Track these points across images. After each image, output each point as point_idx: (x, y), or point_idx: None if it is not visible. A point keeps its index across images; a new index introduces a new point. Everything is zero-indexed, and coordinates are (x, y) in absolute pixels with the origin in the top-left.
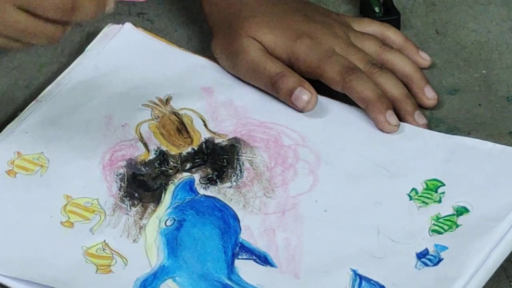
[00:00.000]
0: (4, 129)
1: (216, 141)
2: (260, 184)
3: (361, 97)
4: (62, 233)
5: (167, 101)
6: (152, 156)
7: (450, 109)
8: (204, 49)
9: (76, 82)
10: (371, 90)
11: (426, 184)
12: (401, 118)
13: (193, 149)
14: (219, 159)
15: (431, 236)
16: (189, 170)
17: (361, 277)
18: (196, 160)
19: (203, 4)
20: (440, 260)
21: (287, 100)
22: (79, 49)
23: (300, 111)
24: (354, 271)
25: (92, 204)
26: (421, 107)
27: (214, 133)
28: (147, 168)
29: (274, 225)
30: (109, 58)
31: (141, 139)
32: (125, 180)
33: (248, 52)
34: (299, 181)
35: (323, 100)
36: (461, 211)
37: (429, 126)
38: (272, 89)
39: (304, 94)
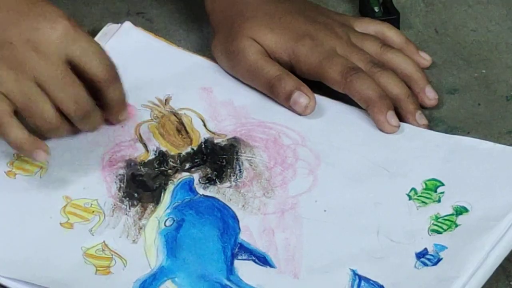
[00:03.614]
0: None
1: (215, 141)
2: (259, 184)
3: (362, 97)
4: (61, 234)
5: (167, 101)
6: (151, 156)
7: (449, 108)
8: (204, 49)
9: None
10: (372, 90)
11: (426, 184)
12: (402, 118)
13: (193, 149)
14: (219, 159)
15: (430, 236)
16: (188, 170)
17: (360, 277)
18: (196, 160)
19: (206, 1)
20: (439, 259)
21: (285, 103)
22: None
23: (299, 114)
24: (354, 271)
25: (91, 205)
26: (421, 107)
27: (213, 133)
28: (146, 168)
29: (273, 225)
30: None
31: (141, 140)
32: (125, 180)
33: (246, 54)
34: (299, 181)
35: (323, 100)
36: (461, 210)
37: (429, 126)
38: (270, 92)
39: (302, 97)
